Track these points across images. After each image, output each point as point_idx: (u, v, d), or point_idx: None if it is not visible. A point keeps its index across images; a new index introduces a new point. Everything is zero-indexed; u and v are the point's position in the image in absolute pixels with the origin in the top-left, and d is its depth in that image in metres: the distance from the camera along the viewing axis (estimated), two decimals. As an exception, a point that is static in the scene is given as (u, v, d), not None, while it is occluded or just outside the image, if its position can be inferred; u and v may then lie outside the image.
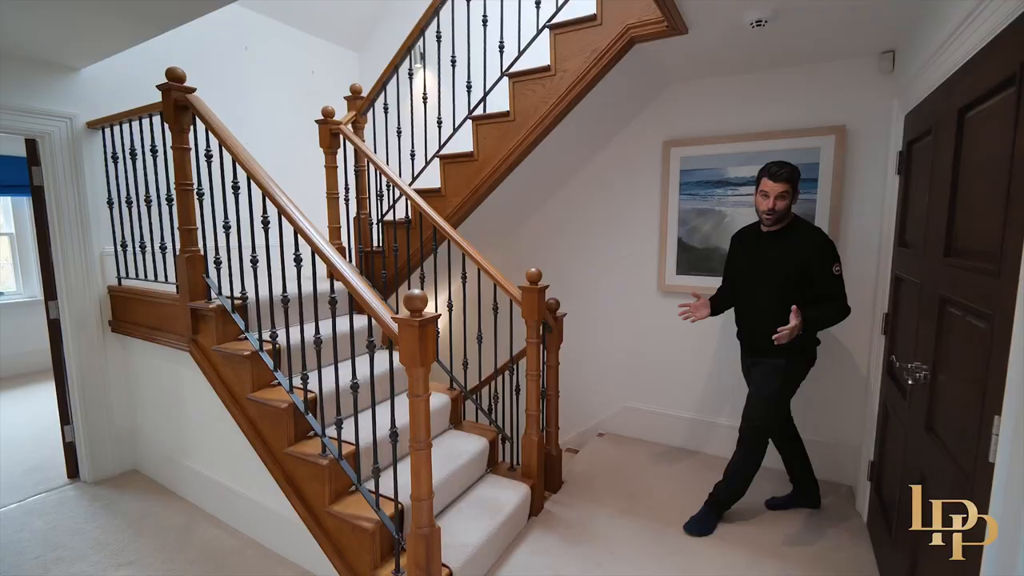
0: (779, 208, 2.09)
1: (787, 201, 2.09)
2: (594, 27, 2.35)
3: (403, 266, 2.96)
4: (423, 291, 1.63)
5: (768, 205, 2.10)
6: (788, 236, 2.16)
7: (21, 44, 2.34)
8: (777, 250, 2.17)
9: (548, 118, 2.49)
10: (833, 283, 2.08)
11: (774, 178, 2.08)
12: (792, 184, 2.08)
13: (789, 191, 2.08)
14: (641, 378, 3.42)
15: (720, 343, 3.14)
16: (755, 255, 2.26)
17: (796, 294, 2.09)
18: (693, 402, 3.25)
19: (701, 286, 3.09)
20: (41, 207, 2.65)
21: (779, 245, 2.17)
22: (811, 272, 2.08)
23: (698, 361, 3.21)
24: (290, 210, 1.92)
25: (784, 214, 2.12)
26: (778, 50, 2.45)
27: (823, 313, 2.08)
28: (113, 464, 2.90)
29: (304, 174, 3.31)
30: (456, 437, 2.50)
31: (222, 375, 2.27)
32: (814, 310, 2.05)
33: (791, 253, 2.12)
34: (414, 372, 1.62)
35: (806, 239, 2.11)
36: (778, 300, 2.11)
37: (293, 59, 3.78)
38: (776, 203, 2.09)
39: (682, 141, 3.07)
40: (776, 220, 2.13)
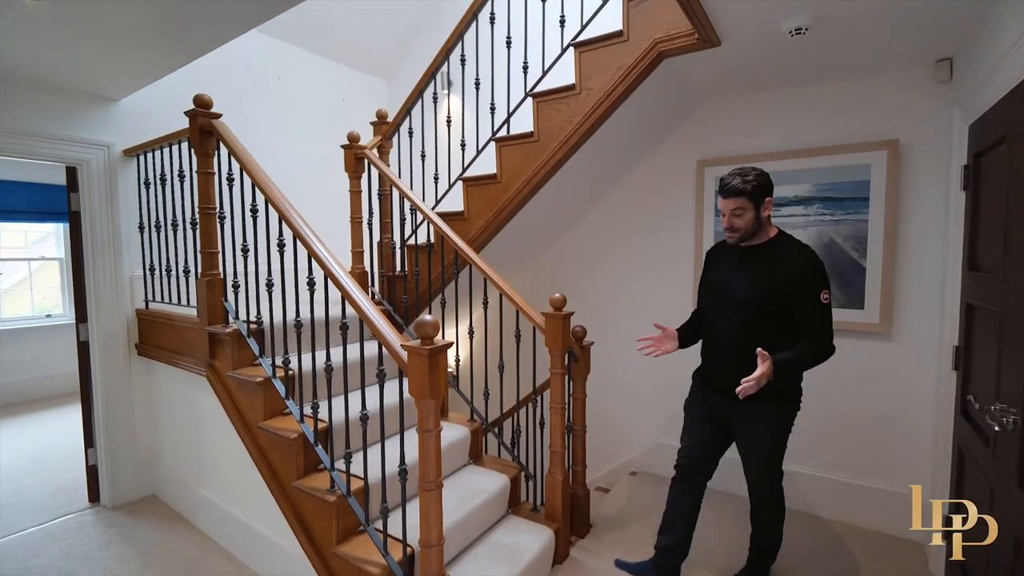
0: (739, 226, 1.71)
1: (748, 217, 1.69)
2: (620, 43, 2.26)
3: (424, 292, 2.88)
4: (434, 317, 1.52)
5: (725, 224, 1.75)
6: (765, 253, 1.73)
7: (67, 77, 2.44)
8: (750, 269, 1.75)
9: (573, 137, 2.40)
10: (817, 315, 1.66)
11: (723, 192, 1.71)
12: (750, 197, 1.67)
13: (747, 206, 1.68)
14: (678, 412, 3.17)
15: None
16: (724, 274, 1.84)
17: (769, 325, 1.70)
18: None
19: (740, 313, 2.87)
20: (77, 232, 2.72)
21: (753, 263, 1.75)
22: (790, 300, 1.67)
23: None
24: (304, 233, 1.87)
25: (751, 231, 1.72)
26: (819, 61, 2.29)
27: (801, 356, 1.66)
28: (133, 489, 2.88)
29: (334, 200, 3.31)
30: (475, 473, 2.35)
31: (236, 401, 2.22)
32: (790, 352, 1.65)
33: (767, 275, 1.70)
34: (423, 405, 1.50)
35: (786, 259, 1.68)
36: (744, 331, 1.73)
37: (325, 88, 3.87)
38: (733, 222, 1.71)
39: (717, 160, 2.91)
40: (742, 238, 1.74)
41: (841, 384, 2.64)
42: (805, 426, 2.76)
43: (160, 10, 1.83)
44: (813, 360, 1.68)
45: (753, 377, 1.59)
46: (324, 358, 1.97)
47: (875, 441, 2.56)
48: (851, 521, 2.60)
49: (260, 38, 3.41)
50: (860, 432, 2.62)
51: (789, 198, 2.72)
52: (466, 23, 2.70)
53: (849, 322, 2.61)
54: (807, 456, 2.73)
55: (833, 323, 1.71)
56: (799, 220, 2.70)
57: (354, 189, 2.91)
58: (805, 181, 2.67)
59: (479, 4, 2.64)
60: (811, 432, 2.74)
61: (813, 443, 2.72)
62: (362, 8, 3.77)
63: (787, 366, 1.64)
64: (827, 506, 2.67)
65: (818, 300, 1.65)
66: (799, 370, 1.73)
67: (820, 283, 1.66)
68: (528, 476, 2.51)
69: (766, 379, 1.60)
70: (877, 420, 2.56)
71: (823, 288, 1.66)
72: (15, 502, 2.85)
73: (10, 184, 4.39)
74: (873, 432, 2.57)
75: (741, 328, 1.75)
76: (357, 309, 1.68)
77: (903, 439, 2.49)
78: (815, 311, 1.66)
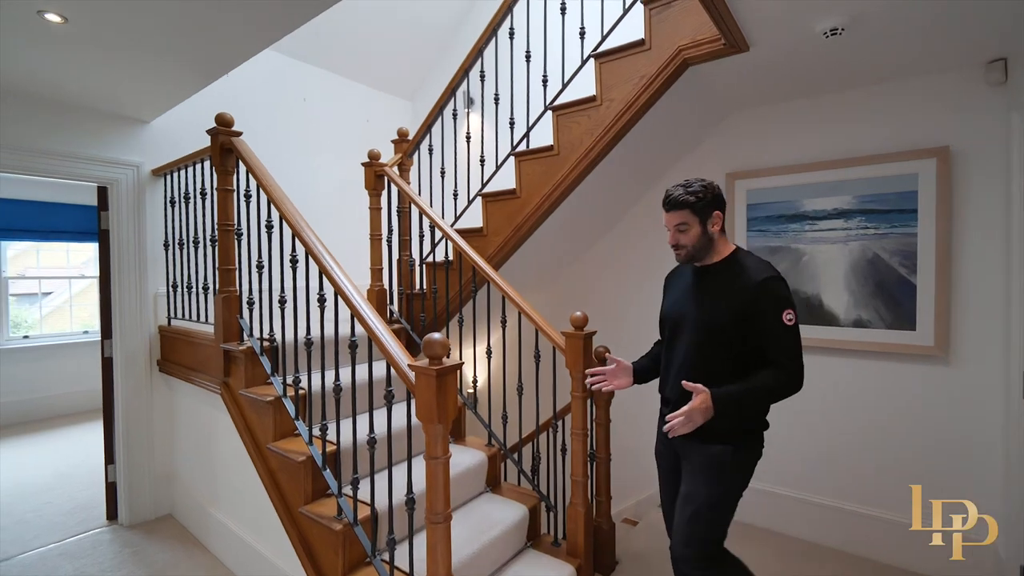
0: (684, 243, 1.51)
1: (693, 233, 1.49)
2: (642, 52, 2.18)
3: (443, 310, 2.81)
4: (443, 336, 1.44)
5: (669, 240, 1.55)
6: (720, 274, 1.52)
7: (99, 100, 2.53)
8: (703, 292, 1.54)
9: (594, 150, 2.31)
10: (780, 340, 1.40)
11: (665, 205, 1.53)
12: (694, 210, 1.48)
13: (692, 220, 1.49)
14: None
15: (813, 397, 2.68)
16: (678, 298, 1.63)
17: (728, 355, 1.46)
18: (778, 472, 2.76)
19: (777, 334, 2.68)
20: (106, 249, 2.78)
21: (706, 285, 1.54)
22: (749, 325, 1.42)
23: (785, 420, 2.75)
24: (316, 249, 1.83)
25: (698, 248, 1.51)
26: (857, 64, 2.16)
27: (758, 387, 1.39)
28: (150, 508, 2.86)
29: (357, 219, 3.31)
30: (492, 502, 2.22)
31: (248, 421, 2.17)
32: (740, 384, 1.40)
33: (721, 297, 1.48)
34: (431, 429, 1.40)
35: (741, 278, 1.46)
36: (699, 362, 1.49)
37: (349, 108, 3.92)
38: (678, 238, 1.52)
39: (747, 173, 2.77)
40: (689, 257, 1.54)
41: (889, 413, 2.42)
42: (847, 458, 2.54)
43: (178, 30, 1.86)
44: (778, 391, 1.41)
45: (681, 412, 1.39)
46: (343, 377, 1.91)
47: (931, 476, 2.31)
48: (902, 565, 2.34)
49: (286, 61, 3.49)
50: (914, 467, 2.38)
51: (828, 211, 2.55)
52: (485, 39, 2.68)
53: (898, 344, 2.40)
54: (851, 491, 2.50)
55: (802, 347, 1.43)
56: (839, 234, 2.53)
57: (374, 206, 2.89)
58: (845, 193, 2.50)
59: (498, 20, 2.62)
60: (856, 464, 2.51)
61: (859, 477, 2.49)
62: (386, 31, 3.83)
63: (734, 400, 1.39)
64: (875, 548, 2.42)
65: (780, 322, 1.40)
66: (758, 404, 1.45)
67: (780, 302, 1.41)
68: (549, 507, 2.36)
69: (701, 416, 1.38)
70: (934, 453, 2.32)
71: (785, 308, 1.41)
72: (36, 518, 2.87)
73: (53, 206, 4.61)
74: (930, 467, 2.32)
75: (696, 358, 1.50)
76: (365, 326, 1.61)
77: (964, 475, 2.24)
78: (777, 335, 1.40)
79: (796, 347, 1.42)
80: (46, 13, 1.68)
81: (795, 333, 1.42)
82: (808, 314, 2.63)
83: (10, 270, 4.89)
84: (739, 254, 1.53)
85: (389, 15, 3.73)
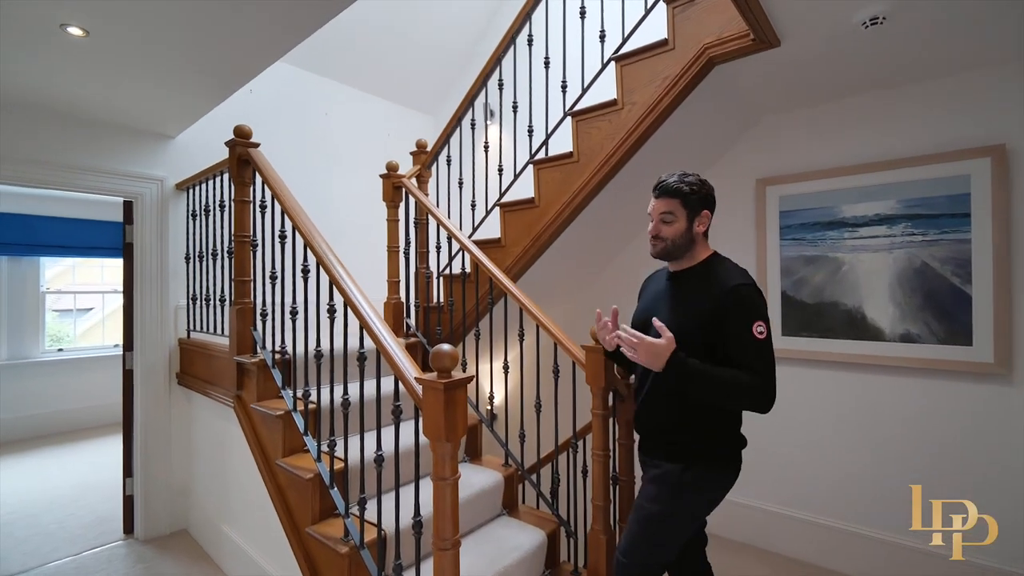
0: (665, 235, 1.41)
1: (678, 227, 1.39)
2: (666, 52, 2.09)
3: (459, 324, 2.73)
4: (453, 347, 1.35)
5: (650, 230, 1.44)
6: (693, 278, 1.44)
7: (126, 117, 2.59)
8: (676, 297, 1.45)
9: (615, 155, 2.22)
10: (751, 352, 1.29)
11: (656, 191, 1.43)
12: (685, 202, 1.39)
13: (680, 213, 1.39)
14: (747, 464, 2.79)
15: (857, 420, 2.48)
16: (650, 303, 1.53)
17: None
18: (821, 500, 2.55)
19: (816, 351, 2.51)
20: (130, 263, 2.82)
21: (679, 290, 1.45)
22: (718, 333, 1.33)
23: (826, 445, 2.55)
24: (328, 259, 1.78)
25: (677, 245, 1.41)
26: (899, 58, 2.01)
27: (721, 375, 1.29)
28: (165, 522, 2.83)
29: (378, 232, 3.29)
30: (508, 527, 2.10)
31: (259, 435, 2.12)
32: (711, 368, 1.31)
33: (692, 302, 1.39)
34: (439, 448, 1.31)
35: (712, 283, 1.37)
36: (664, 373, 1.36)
37: (371, 123, 3.94)
38: (659, 228, 1.41)
39: (780, 178, 2.63)
40: (665, 252, 1.43)
41: (941, 436, 2.21)
42: (894, 485, 2.32)
43: (197, 40, 1.87)
44: (737, 394, 1.29)
45: (636, 334, 1.32)
46: (354, 390, 1.84)
47: (990, 505, 2.08)
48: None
49: (309, 77, 3.53)
50: (971, 495, 2.14)
51: (869, 217, 2.38)
52: (503, 47, 2.64)
53: (952, 360, 2.19)
54: (898, 521, 2.27)
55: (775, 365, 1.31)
56: (882, 242, 2.35)
57: (392, 218, 2.86)
58: (887, 197, 2.34)
59: (516, 27, 2.58)
60: (906, 492, 2.29)
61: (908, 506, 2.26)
62: (408, 47, 3.85)
63: (691, 371, 1.28)
64: None
65: (749, 334, 1.30)
66: (709, 393, 1.32)
67: (750, 312, 1.31)
68: (569, 533, 2.22)
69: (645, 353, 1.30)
70: (995, 480, 2.09)
71: (755, 319, 1.30)
72: (58, 530, 2.87)
73: (87, 223, 4.79)
74: (989, 495, 2.09)
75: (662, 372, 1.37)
76: (372, 336, 1.54)
77: None
78: (747, 347, 1.29)
79: (768, 362, 1.30)
80: (68, 27, 1.71)
81: (766, 348, 1.31)
82: (849, 328, 2.44)
83: (51, 287, 5.08)
84: (715, 259, 1.45)
85: (411, 33, 3.76)
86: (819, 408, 2.55)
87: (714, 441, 1.41)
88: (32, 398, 4.69)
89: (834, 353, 2.47)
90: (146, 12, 1.68)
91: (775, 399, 1.29)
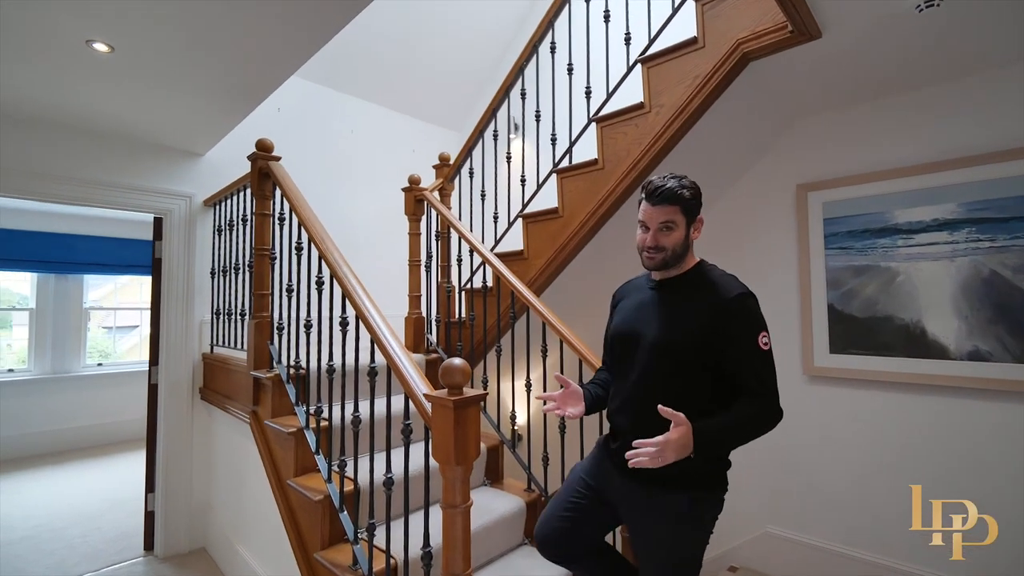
0: (665, 244, 1.28)
1: (677, 236, 1.28)
2: (695, 51, 1.98)
3: (480, 341, 2.63)
4: (464, 361, 1.25)
5: (647, 241, 1.30)
6: (684, 287, 1.32)
7: (160, 134, 2.65)
8: (666, 307, 1.32)
9: (643, 160, 2.11)
10: (755, 366, 1.20)
11: (653, 199, 1.28)
12: (685, 209, 1.27)
13: (680, 221, 1.28)
14: (787, 494, 2.56)
15: (917, 447, 2.24)
16: (634, 315, 1.39)
17: (694, 381, 1.24)
18: (865, 534, 2.30)
19: (869, 369, 2.29)
20: (158, 278, 2.85)
21: (669, 300, 1.33)
22: (715, 348, 1.22)
23: (882, 476, 2.31)
24: (341, 270, 1.72)
25: (676, 255, 1.30)
26: (958, 47, 1.84)
27: (737, 423, 1.18)
28: (184, 541, 2.80)
29: (402, 248, 3.26)
30: (531, 557, 1.95)
31: (273, 453, 2.06)
32: (722, 417, 1.19)
33: (687, 313, 1.27)
34: (449, 472, 1.20)
35: (710, 292, 1.26)
36: (660, 388, 1.26)
37: (396, 140, 3.95)
38: (659, 238, 1.29)
39: (823, 183, 2.45)
40: (663, 263, 1.31)
41: (1022, 464, 1.95)
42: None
43: (220, 51, 1.88)
44: (752, 429, 1.19)
45: (654, 441, 1.13)
46: (361, 409, 1.76)
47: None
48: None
49: (335, 95, 3.57)
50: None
51: (926, 222, 2.17)
52: (526, 56, 2.58)
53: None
54: (979, 568, 2.00)
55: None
56: (942, 249, 2.14)
57: (413, 232, 2.82)
58: (946, 200, 2.13)
59: (539, 35, 2.52)
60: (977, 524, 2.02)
61: (992, 549, 1.99)
62: (434, 63, 3.87)
63: (715, 436, 1.17)
64: None
65: (755, 345, 1.20)
66: (732, 444, 1.22)
67: (755, 323, 1.22)
68: (596, 565, 2.04)
69: (675, 452, 1.13)
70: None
71: (760, 330, 1.22)
72: (82, 544, 2.88)
73: (127, 241, 4.97)
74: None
75: (656, 383, 1.27)
76: (383, 350, 1.46)
77: None
78: (751, 360, 1.20)
79: (772, 374, 1.22)
80: (94, 43, 1.74)
81: (771, 361, 1.23)
82: (907, 344, 2.22)
83: (98, 304, 5.29)
84: (704, 266, 1.35)
85: (437, 49, 3.78)
86: (872, 435, 2.31)
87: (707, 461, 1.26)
88: (71, 411, 4.82)
89: (890, 372, 2.24)
90: (169, 26, 1.69)
91: (780, 412, 1.21)
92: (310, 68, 3.35)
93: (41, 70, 1.94)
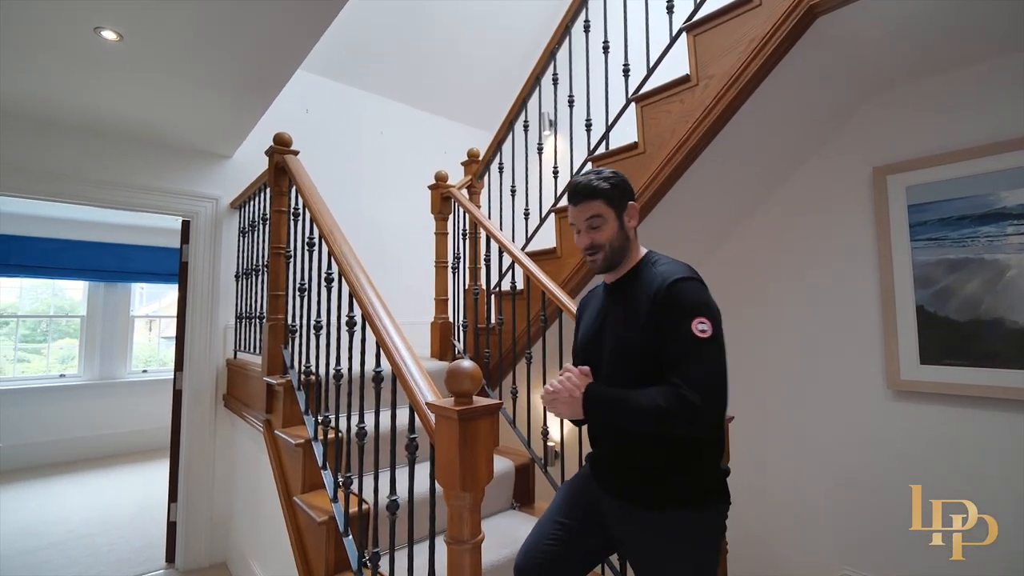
0: (601, 242, 1.18)
1: (610, 229, 1.17)
2: (749, 11, 1.71)
3: (509, 348, 2.41)
4: (474, 365, 1.03)
5: (583, 242, 1.21)
6: (631, 284, 1.20)
7: (188, 137, 2.62)
8: (619, 308, 1.21)
9: (689, 141, 1.85)
10: (682, 353, 1.05)
11: (574, 199, 1.20)
12: (609, 200, 1.17)
13: (607, 213, 1.17)
14: (868, 529, 2.18)
15: (1011, 474, 1.84)
16: (595, 322, 1.29)
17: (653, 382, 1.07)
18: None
19: (972, 383, 1.91)
20: (184, 282, 2.81)
21: (619, 302, 1.22)
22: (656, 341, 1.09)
23: (994, 511, 1.90)
24: (351, 266, 1.56)
25: (616, 249, 1.19)
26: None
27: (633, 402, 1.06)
28: (204, 554, 2.70)
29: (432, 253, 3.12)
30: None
31: (283, 465, 1.91)
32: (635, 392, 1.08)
33: (630, 311, 1.16)
34: (454, 500, 0.99)
35: (647, 286, 1.14)
36: None
37: (426, 140, 3.84)
38: (592, 237, 1.18)
39: (906, 164, 2.10)
40: (607, 262, 1.20)
41: None
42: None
43: (228, 37, 1.78)
44: (654, 422, 1.04)
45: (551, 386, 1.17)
46: (370, 420, 1.58)
47: None
48: None
49: (364, 95, 3.49)
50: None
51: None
52: (557, 39, 2.39)
53: None
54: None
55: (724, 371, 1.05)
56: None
57: (440, 231, 2.67)
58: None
59: (571, 15, 2.32)
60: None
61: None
62: (464, 62, 3.74)
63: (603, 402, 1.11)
64: None
65: (686, 331, 1.05)
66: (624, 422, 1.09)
67: (688, 307, 1.07)
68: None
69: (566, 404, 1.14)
70: None
71: (697, 314, 1.06)
72: (107, 552, 2.84)
73: (166, 250, 5.09)
74: None
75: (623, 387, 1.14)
76: (387, 352, 1.27)
77: None
78: (678, 348, 1.05)
79: (710, 368, 1.04)
80: (103, 31, 1.67)
81: (711, 348, 1.05)
82: (1021, 352, 1.83)
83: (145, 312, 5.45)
84: (650, 257, 1.23)
85: (468, 49, 3.66)
86: (974, 463, 1.92)
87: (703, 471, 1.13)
88: (116, 416, 4.94)
89: (1001, 387, 1.85)
90: (176, 11, 1.60)
91: (720, 414, 1.04)
92: (338, 68, 3.29)
93: (51, 65, 1.90)
